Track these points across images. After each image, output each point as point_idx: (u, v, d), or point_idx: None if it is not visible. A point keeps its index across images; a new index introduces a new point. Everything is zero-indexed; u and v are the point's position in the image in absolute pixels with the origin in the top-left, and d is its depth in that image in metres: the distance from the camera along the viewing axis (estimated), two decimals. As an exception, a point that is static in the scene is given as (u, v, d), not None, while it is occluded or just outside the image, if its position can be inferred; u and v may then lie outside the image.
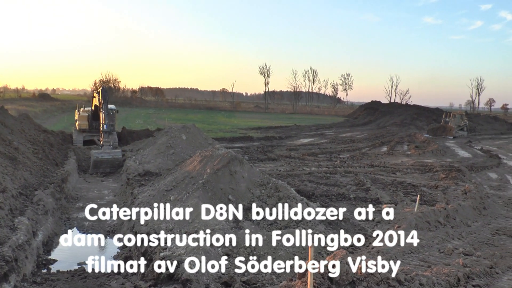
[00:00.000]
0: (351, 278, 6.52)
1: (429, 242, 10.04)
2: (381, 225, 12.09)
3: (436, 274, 7.40)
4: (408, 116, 72.94)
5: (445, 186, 17.89)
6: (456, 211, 13.00)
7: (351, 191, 16.12)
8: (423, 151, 30.44)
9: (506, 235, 11.68)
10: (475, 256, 9.16)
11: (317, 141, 35.35)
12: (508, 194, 17.52)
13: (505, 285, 7.82)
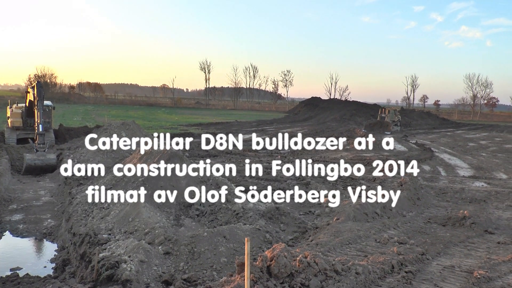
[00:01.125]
0: (290, 271, 6.68)
1: (367, 233, 10.36)
2: (321, 218, 12.38)
3: (372, 262, 7.71)
4: (348, 112, 74.78)
5: (383, 179, 18.51)
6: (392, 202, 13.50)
7: (291, 186, 16.39)
8: (361, 145, 31.27)
9: (437, 223, 12.25)
10: (409, 244, 9.55)
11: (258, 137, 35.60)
12: (440, 185, 18.35)
13: (434, 269, 8.22)
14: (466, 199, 15.92)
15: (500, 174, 22.19)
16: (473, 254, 9.57)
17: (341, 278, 6.73)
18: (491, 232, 11.60)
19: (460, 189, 17.67)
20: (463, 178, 20.76)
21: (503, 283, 7.71)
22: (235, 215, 11.45)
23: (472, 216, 12.42)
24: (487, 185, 18.98)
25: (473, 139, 44.04)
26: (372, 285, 6.94)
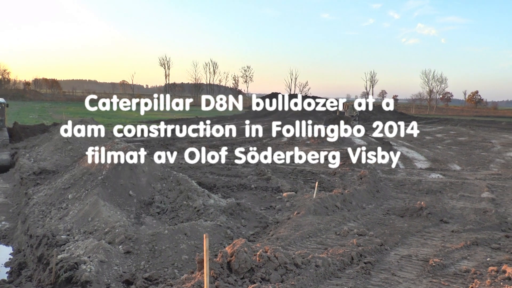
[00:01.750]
0: (250, 266, 6.72)
1: (327, 226, 10.52)
2: (282, 212, 12.48)
3: (332, 255, 7.84)
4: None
5: (343, 173, 18.79)
6: (352, 195, 13.73)
7: (252, 181, 16.45)
8: (321, 140, 31.69)
9: (395, 215, 12.56)
10: (368, 236, 9.76)
11: (217, 134, 35.56)
12: (398, 177, 18.77)
13: (392, 259, 8.46)
14: (423, 190, 16.34)
15: (455, 166, 22.90)
16: (429, 243, 9.89)
17: (301, 271, 6.82)
18: (446, 222, 12.02)
19: (417, 181, 18.12)
20: (420, 170, 21.30)
21: (455, 269, 8.09)
22: (196, 212, 11.41)
23: (428, 207, 12.82)
24: (442, 177, 19.54)
25: (430, 133, 45.25)
26: (332, 277, 7.07)
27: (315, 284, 6.69)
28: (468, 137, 40.83)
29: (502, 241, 10.26)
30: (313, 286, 6.62)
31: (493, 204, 14.49)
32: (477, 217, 12.51)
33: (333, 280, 6.98)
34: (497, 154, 28.77)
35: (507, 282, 7.20)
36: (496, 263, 8.44)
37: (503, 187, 17.63)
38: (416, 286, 7.14)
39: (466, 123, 65.98)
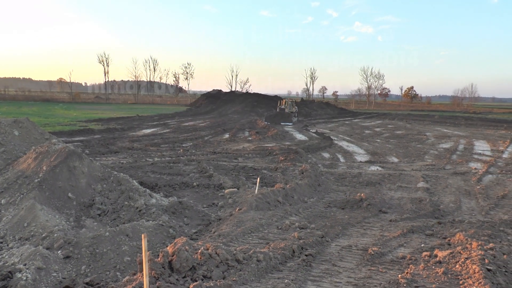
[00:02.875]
0: (192, 264, 6.66)
1: (269, 221, 10.59)
2: (224, 209, 12.45)
3: (273, 249, 7.90)
4: (249, 104, 75.87)
5: (284, 168, 18.97)
6: (294, 190, 13.89)
7: (194, 179, 16.32)
8: (263, 136, 31.89)
9: (336, 207, 12.84)
10: (309, 229, 9.92)
11: (160, 131, 34.99)
12: (339, 171, 19.16)
13: (333, 250, 8.65)
14: (363, 182, 16.76)
15: (392, 158, 23.66)
16: (368, 233, 10.16)
17: (243, 267, 6.84)
18: (385, 212, 12.41)
19: (357, 173, 18.56)
20: (360, 163, 21.83)
21: (392, 256, 8.43)
22: (138, 212, 11.20)
23: (368, 198, 13.18)
24: (381, 169, 20.12)
25: (369, 127, 46.56)
26: (273, 271, 7.12)
27: (257, 278, 6.72)
28: (405, 131, 42.33)
29: (435, 228, 10.76)
30: (255, 280, 6.65)
31: (427, 193, 15.11)
32: (413, 206, 13.03)
33: (274, 273, 7.03)
34: (431, 146, 30.01)
35: (438, 265, 7.57)
36: (429, 249, 8.85)
37: (437, 176, 18.42)
38: (355, 275, 7.32)
39: (403, 117, 68.33)
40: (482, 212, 13.04)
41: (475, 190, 16.02)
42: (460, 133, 41.66)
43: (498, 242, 9.30)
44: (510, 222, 11.60)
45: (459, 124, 54.97)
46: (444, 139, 35.58)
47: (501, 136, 39.50)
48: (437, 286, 6.65)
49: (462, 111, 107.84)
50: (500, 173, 20.16)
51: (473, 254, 7.65)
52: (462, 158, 24.42)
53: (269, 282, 6.61)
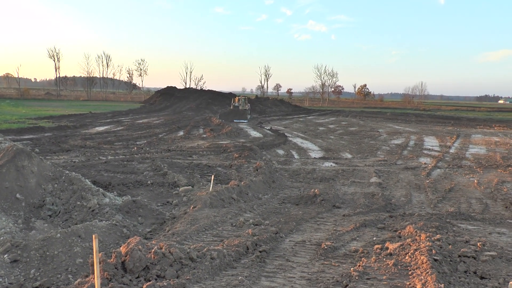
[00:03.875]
0: (145, 264, 6.58)
1: (223, 218, 10.57)
2: (179, 207, 12.35)
3: (227, 246, 7.89)
4: (203, 101, 75.54)
5: (239, 165, 18.97)
6: (249, 187, 13.91)
7: (148, 177, 16.11)
8: (218, 133, 31.81)
9: (291, 203, 12.97)
10: (264, 225, 9.97)
11: (114, 128, 34.35)
12: (293, 167, 19.33)
13: (286, 246, 8.75)
14: (317, 178, 16.97)
15: (346, 154, 24.07)
16: (322, 228, 10.31)
17: (197, 265, 6.81)
18: (338, 207, 12.62)
19: (311, 169, 18.78)
20: (314, 159, 22.09)
21: (345, 250, 8.63)
22: (91, 212, 10.96)
23: (322, 194, 13.37)
24: (335, 165, 20.43)
25: (323, 124, 47.21)
26: (228, 268, 7.12)
27: (211, 276, 6.70)
28: (358, 127, 43.18)
29: (387, 221, 11.04)
30: (209, 278, 6.63)
31: (380, 188, 15.46)
32: (366, 201, 13.31)
33: (228, 271, 7.03)
34: (384, 142, 30.72)
35: (389, 257, 7.82)
36: (381, 241, 9.09)
37: (389, 172, 18.88)
38: (309, 270, 7.41)
39: (356, 114, 69.74)
40: (430, 205, 13.47)
41: (425, 184, 16.52)
42: (411, 130, 42.84)
43: (444, 233, 9.66)
44: (456, 214, 12.06)
45: (410, 121, 56.62)
46: (396, 135, 36.51)
47: (449, 132, 40.95)
48: (387, 277, 6.83)
49: (413, 108, 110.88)
50: (447, 167, 20.87)
51: (422, 246, 7.91)
52: (412, 154, 25.14)
53: (223, 280, 6.60)
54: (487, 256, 8.12)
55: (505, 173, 19.62)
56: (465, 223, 11.39)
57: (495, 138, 36.62)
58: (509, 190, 15.99)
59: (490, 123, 56.93)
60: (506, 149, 29.03)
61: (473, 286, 6.81)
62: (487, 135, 39.42)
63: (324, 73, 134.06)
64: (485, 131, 44.43)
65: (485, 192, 15.60)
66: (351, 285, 6.46)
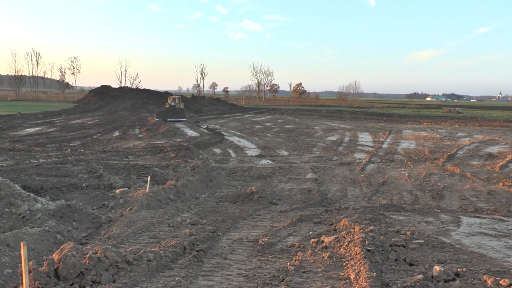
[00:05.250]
0: (79, 270, 6.42)
1: (160, 219, 10.46)
2: (115, 210, 12.10)
3: (164, 247, 7.82)
4: (139, 100, 74.21)
5: (176, 165, 18.80)
6: (186, 186, 13.85)
7: (83, 180, 15.67)
8: (154, 133, 31.37)
9: (228, 201, 13.03)
10: (201, 225, 9.93)
11: (45, 130, 33.04)
12: (230, 166, 19.39)
13: (224, 244, 8.80)
14: (254, 176, 17.13)
15: (282, 152, 24.42)
16: (259, 225, 10.43)
17: (133, 268, 6.72)
18: (275, 203, 12.81)
19: (248, 167, 18.91)
20: (251, 157, 22.26)
21: (282, 245, 8.78)
22: (21, 219, 10.52)
23: (259, 191, 13.51)
24: (272, 162, 20.67)
25: (259, 122, 47.62)
26: (165, 269, 7.06)
27: (148, 278, 6.62)
28: (294, 125, 43.89)
29: (323, 215, 11.33)
30: (146, 281, 6.55)
31: (316, 183, 15.81)
32: (302, 197, 13.58)
33: (165, 272, 6.98)
34: (319, 139, 31.42)
35: (324, 250, 8.08)
36: (317, 235, 9.32)
37: (324, 167, 19.32)
38: (246, 266, 7.49)
39: (292, 112, 70.87)
40: (365, 198, 13.94)
41: (359, 178, 17.05)
42: (345, 126, 44.03)
43: (377, 225, 10.04)
44: (388, 206, 12.57)
45: (344, 118, 58.23)
46: (331, 132, 37.42)
47: (382, 128, 42.44)
48: (323, 269, 7.01)
49: (347, 106, 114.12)
50: (380, 162, 21.64)
51: (356, 237, 8.18)
52: (347, 150, 25.87)
53: (160, 281, 6.54)
54: (415, 244, 8.54)
55: (433, 166, 20.61)
56: (397, 214, 11.88)
57: (424, 133, 38.30)
58: (436, 182, 16.81)
59: (419, 119, 59.63)
60: (433, 144, 30.45)
61: (403, 272, 7.14)
62: (417, 131, 41.17)
63: (260, 71, 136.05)
64: (414, 127, 46.39)
65: (415, 184, 16.32)
66: (288, 279, 6.58)
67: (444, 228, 10.65)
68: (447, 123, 53.85)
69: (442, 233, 10.15)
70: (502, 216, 12.01)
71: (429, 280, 6.67)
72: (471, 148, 28.41)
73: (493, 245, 9.33)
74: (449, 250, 8.64)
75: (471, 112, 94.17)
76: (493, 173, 19.09)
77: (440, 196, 14.45)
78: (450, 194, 15.00)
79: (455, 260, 8.02)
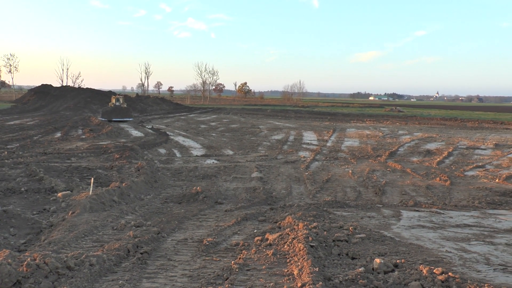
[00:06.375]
0: (16, 278, 6.21)
1: (104, 222, 10.26)
2: (57, 214, 11.77)
3: (107, 251, 7.68)
4: (82, 100, 72.12)
5: (120, 166, 18.47)
6: (130, 188, 13.64)
7: (22, 184, 15.12)
8: (97, 134, 30.69)
9: (173, 202, 12.96)
10: (145, 226, 9.82)
11: (-21, 132, 31.73)
12: (175, 166, 19.25)
13: (168, 245, 8.75)
14: (199, 176, 17.09)
15: (228, 151, 24.48)
16: (204, 225, 10.44)
17: (75, 274, 6.56)
18: (220, 203, 12.86)
19: (194, 167, 18.84)
20: (197, 157, 22.19)
21: (227, 244, 8.86)
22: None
23: (204, 191, 13.52)
24: (217, 162, 20.68)
25: (205, 122, 47.51)
26: (108, 273, 6.95)
27: (90, 283, 6.50)
28: (239, 124, 44.05)
29: (268, 213, 11.49)
30: (88, 286, 6.43)
31: (261, 182, 15.97)
32: (247, 195, 13.70)
33: (108, 276, 6.87)
34: (264, 138, 31.70)
35: (268, 248, 8.24)
36: (261, 233, 9.45)
37: (269, 166, 19.53)
38: (190, 267, 7.48)
39: (237, 111, 71.12)
40: (309, 195, 14.20)
41: (304, 176, 17.34)
42: (290, 125, 44.61)
43: (321, 221, 10.27)
44: (333, 202, 12.86)
45: (289, 117, 59.07)
46: (276, 131, 37.82)
47: (326, 127, 43.35)
48: (267, 267, 7.13)
49: (292, 105, 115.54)
50: (325, 159, 22.10)
51: (299, 234, 8.34)
52: (292, 148, 26.24)
53: (103, 286, 6.44)
54: (357, 239, 8.83)
55: (375, 163, 21.25)
56: (341, 210, 12.20)
57: (367, 131, 39.38)
58: (379, 178, 17.35)
59: (362, 118, 61.34)
60: (376, 141, 31.36)
61: (345, 266, 7.37)
62: (360, 129, 42.27)
63: (205, 71, 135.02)
64: (358, 125, 47.61)
65: (358, 181, 16.78)
66: (231, 277, 6.64)
67: (385, 222, 11.04)
68: (389, 121, 55.65)
69: (384, 227, 10.52)
70: (438, 209, 12.57)
71: (370, 272, 6.92)
72: (411, 145, 29.47)
73: (429, 237, 9.76)
74: (389, 243, 8.98)
75: (411, 111, 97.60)
76: (431, 169, 19.90)
77: (382, 192, 14.93)
78: (392, 189, 15.53)
79: (395, 252, 8.36)
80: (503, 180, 17.50)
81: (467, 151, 26.97)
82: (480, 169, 20.34)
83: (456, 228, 10.62)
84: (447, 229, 10.50)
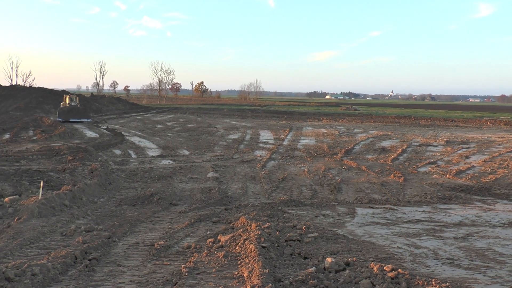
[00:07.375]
0: None
1: (52, 228, 9.91)
2: (3, 220, 11.30)
3: (53, 259, 7.40)
4: (34, 100, 69.85)
5: (73, 168, 17.97)
6: (83, 191, 13.25)
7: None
8: (50, 135, 29.80)
9: (127, 204, 12.66)
10: (96, 231, 9.55)
11: None
12: (130, 167, 18.90)
13: (119, 250, 8.52)
14: (155, 177, 16.84)
15: (184, 151, 24.24)
16: (157, 228, 10.27)
17: (14, 285, 6.27)
18: (175, 204, 12.71)
19: (149, 168, 18.55)
20: (152, 158, 21.87)
21: (178, 247, 8.73)
22: None
23: (158, 192, 13.38)
24: (173, 162, 20.44)
25: (161, 121, 46.94)
26: (52, 283, 6.68)
27: (32, 294, 6.23)
28: (196, 124, 43.75)
29: (222, 214, 11.42)
30: (30, 296, 6.16)
31: (217, 182, 15.87)
32: (203, 196, 13.61)
33: (52, 286, 6.61)
34: (221, 138, 31.59)
35: (220, 250, 8.15)
36: (214, 235, 9.36)
37: (225, 166, 19.45)
38: (140, 272, 7.32)
39: (194, 111, 70.74)
40: (265, 195, 14.21)
41: (260, 175, 17.34)
42: (247, 125, 44.61)
43: (275, 221, 10.26)
44: (288, 201, 12.91)
45: (246, 116, 59.11)
46: (233, 130, 37.74)
47: (282, 126, 43.59)
48: (217, 269, 7.05)
49: (249, 104, 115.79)
50: (281, 158, 22.20)
51: (251, 235, 8.30)
52: (248, 148, 26.23)
53: (46, 296, 6.19)
54: (310, 238, 8.87)
55: (331, 161, 21.50)
56: (296, 209, 12.26)
57: (323, 130, 39.82)
58: (334, 176, 17.54)
59: (319, 117, 62.08)
60: (332, 140, 31.75)
61: (297, 266, 7.38)
62: (316, 128, 42.72)
63: (160, 70, 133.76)
64: (314, 124, 48.12)
65: (314, 179, 16.91)
66: (181, 282, 6.51)
67: (339, 220, 11.15)
68: (345, 120, 56.52)
69: (337, 225, 10.62)
70: (392, 205, 12.81)
71: (321, 272, 6.95)
72: (367, 143, 29.97)
73: (382, 233, 9.93)
74: (342, 241, 9.07)
75: (367, 109, 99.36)
76: (386, 166, 20.29)
77: (337, 190, 15.09)
78: (347, 187, 15.72)
79: (347, 250, 8.45)
80: (453, 175, 18.03)
81: (420, 148, 27.64)
82: (432, 165, 20.87)
83: (409, 224, 10.85)
84: (399, 225, 10.71)
